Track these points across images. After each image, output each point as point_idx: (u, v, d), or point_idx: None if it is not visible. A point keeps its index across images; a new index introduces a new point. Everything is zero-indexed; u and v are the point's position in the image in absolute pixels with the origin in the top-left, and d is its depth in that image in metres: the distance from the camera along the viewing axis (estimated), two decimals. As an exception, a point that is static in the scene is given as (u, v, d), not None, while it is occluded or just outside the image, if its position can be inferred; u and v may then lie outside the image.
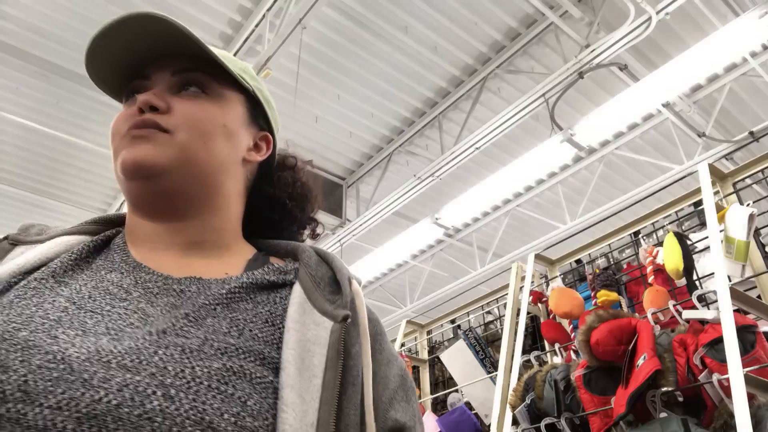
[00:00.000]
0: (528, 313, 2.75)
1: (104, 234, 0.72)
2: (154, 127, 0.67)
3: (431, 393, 3.54)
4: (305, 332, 0.60)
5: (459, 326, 3.71)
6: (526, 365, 2.57)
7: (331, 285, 0.68)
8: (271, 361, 0.57)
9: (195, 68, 0.71)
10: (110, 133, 0.70)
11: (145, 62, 0.72)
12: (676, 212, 2.59)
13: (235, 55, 4.96)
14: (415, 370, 3.72)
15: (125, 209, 0.75)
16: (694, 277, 2.17)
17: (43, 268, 0.62)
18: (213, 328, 0.58)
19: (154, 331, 0.55)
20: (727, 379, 1.64)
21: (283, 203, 0.83)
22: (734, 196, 2.32)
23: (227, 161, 0.72)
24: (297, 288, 0.66)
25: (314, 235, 0.89)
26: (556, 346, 2.55)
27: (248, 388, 0.54)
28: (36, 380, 0.47)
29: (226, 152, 0.72)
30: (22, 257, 0.64)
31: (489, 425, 2.55)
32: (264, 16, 4.69)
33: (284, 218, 0.84)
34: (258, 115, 0.80)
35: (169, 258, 0.69)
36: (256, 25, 4.80)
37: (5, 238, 0.69)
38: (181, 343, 0.54)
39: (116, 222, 0.76)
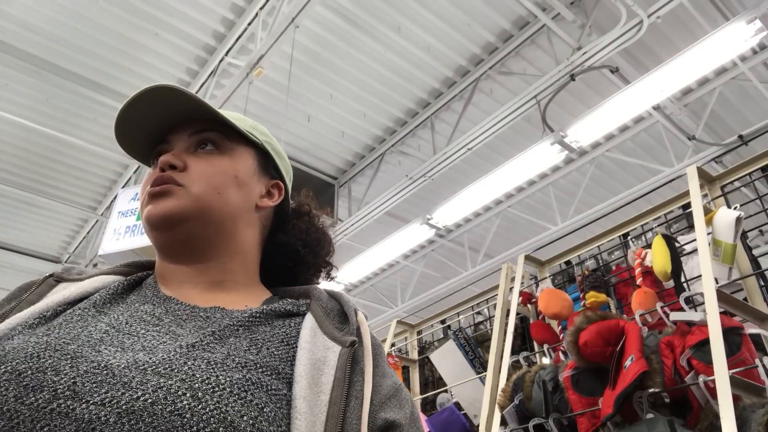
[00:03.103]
0: (517, 313, 2.76)
1: (137, 275, 0.81)
2: (170, 182, 0.76)
3: (421, 393, 3.55)
4: (315, 352, 0.67)
5: (449, 327, 3.72)
6: (515, 366, 2.58)
7: (340, 316, 0.76)
8: (285, 376, 0.64)
9: (208, 128, 0.81)
10: (140, 189, 0.81)
11: (166, 129, 0.82)
12: (665, 215, 2.61)
13: (227, 53, 4.98)
14: (405, 370, 3.73)
15: (116, 207, 0.80)
16: (682, 279, 2.19)
17: (85, 301, 0.71)
18: (235, 346, 0.65)
19: (183, 345, 0.63)
20: (713, 381, 1.65)
21: (296, 250, 0.89)
22: (722, 199, 2.34)
23: (240, 208, 0.80)
24: (309, 317, 0.74)
25: (329, 278, 0.95)
26: (545, 346, 2.56)
27: (265, 397, 0.60)
28: (84, 382, 0.55)
29: (239, 200, 0.80)
30: (67, 290, 0.73)
31: (478, 425, 2.56)
32: (257, 14, 4.68)
33: (298, 265, 0.90)
34: (268, 165, 0.88)
35: (196, 293, 0.77)
36: (249, 24, 4.80)
37: (51, 275, 0.78)
38: (207, 357, 0.62)
39: (147, 266, 0.85)
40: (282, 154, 0.91)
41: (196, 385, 0.57)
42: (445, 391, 3.24)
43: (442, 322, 3.79)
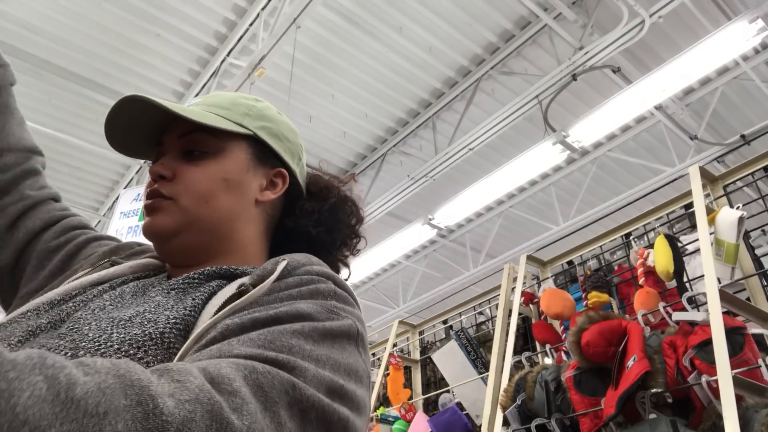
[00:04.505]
0: (519, 314, 2.76)
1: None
2: (158, 195, 0.76)
3: (423, 393, 3.55)
4: (218, 303, 0.62)
5: (451, 327, 3.72)
6: (517, 366, 2.58)
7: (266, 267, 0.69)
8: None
9: (195, 129, 0.78)
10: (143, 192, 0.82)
11: (162, 128, 0.81)
12: (667, 214, 2.61)
13: (229, 54, 4.98)
14: (407, 370, 3.73)
15: (118, 208, 0.82)
16: (684, 279, 2.18)
17: (105, 284, 0.76)
18: (157, 304, 0.65)
19: (97, 308, 0.67)
20: (716, 381, 1.65)
21: (306, 232, 0.85)
22: (725, 198, 2.34)
23: (234, 210, 0.79)
24: (247, 277, 0.68)
25: (353, 251, 0.92)
26: (547, 347, 2.56)
27: (161, 355, 0.57)
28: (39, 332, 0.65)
29: (231, 202, 0.78)
30: (104, 271, 0.79)
31: (480, 426, 2.56)
32: (258, 15, 4.69)
33: (313, 246, 0.85)
34: (267, 153, 0.83)
35: None
36: (251, 24, 4.80)
37: (108, 260, 0.83)
38: (115, 316, 0.63)
39: None
40: (284, 135, 0.86)
41: (83, 344, 0.58)
42: (447, 391, 3.24)
43: (444, 322, 3.78)
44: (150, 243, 0.81)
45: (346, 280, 0.83)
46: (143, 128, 0.80)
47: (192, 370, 0.44)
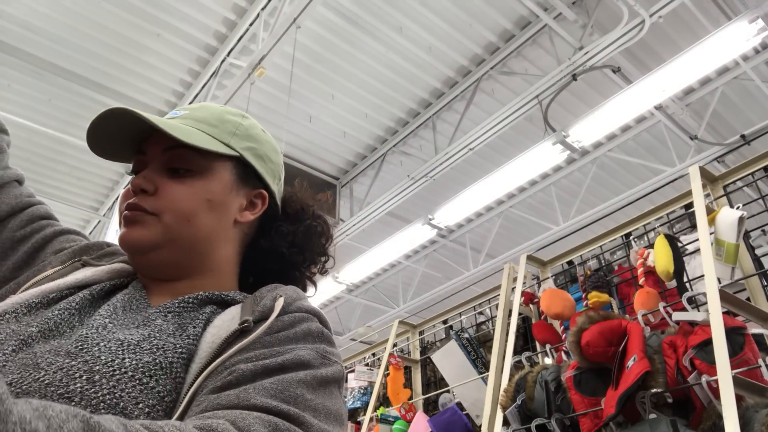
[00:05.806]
0: (519, 314, 2.76)
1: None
2: (140, 209, 0.75)
3: (423, 393, 3.55)
4: (221, 335, 0.66)
5: (451, 327, 3.72)
6: (517, 366, 2.58)
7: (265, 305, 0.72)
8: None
9: (183, 145, 0.75)
10: (119, 200, 0.81)
11: (144, 135, 0.79)
12: (667, 214, 2.61)
13: (229, 54, 4.98)
14: (407, 370, 3.73)
15: (118, 208, 0.81)
16: (684, 279, 2.18)
17: (85, 291, 0.74)
18: (160, 328, 0.66)
19: (105, 325, 0.65)
20: (716, 381, 1.65)
21: (280, 253, 0.85)
22: (725, 198, 2.34)
23: (214, 230, 0.79)
24: (237, 306, 0.72)
25: (323, 271, 0.93)
26: (547, 347, 2.56)
27: (170, 384, 0.59)
28: (12, 365, 0.58)
29: (212, 223, 0.78)
30: (81, 274, 0.77)
31: (480, 426, 2.56)
32: (258, 15, 4.69)
33: (284, 265, 0.87)
34: (250, 174, 0.83)
35: (164, 300, 0.76)
36: (251, 24, 4.80)
37: (79, 259, 0.82)
38: (122, 338, 0.62)
39: None
40: (267, 156, 0.86)
41: (97, 367, 0.57)
42: (447, 391, 3.24)
43: (444, 322, 3.78)
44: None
45: (311, 297, 0.87)
46: (126, 135, 0.79)
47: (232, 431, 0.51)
